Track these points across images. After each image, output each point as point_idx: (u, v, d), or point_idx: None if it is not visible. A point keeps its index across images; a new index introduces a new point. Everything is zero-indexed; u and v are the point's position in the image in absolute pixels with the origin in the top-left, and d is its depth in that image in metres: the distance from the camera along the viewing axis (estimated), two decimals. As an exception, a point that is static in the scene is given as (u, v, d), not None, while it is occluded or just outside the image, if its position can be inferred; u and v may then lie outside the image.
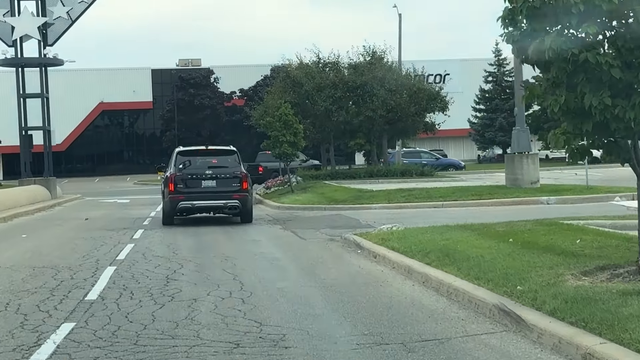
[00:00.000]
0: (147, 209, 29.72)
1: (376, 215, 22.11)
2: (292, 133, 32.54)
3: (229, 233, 19.06)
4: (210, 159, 21.48)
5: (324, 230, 18.54)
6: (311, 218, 22.48)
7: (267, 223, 21.72)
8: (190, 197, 20.68)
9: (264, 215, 24.62)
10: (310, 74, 38.26)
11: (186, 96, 76.46)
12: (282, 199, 29.73)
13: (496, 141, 73.32)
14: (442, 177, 38.38)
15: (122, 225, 22.00)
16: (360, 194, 26.27)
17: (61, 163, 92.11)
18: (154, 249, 15.70)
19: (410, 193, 24.81)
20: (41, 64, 38.40)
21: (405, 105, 37.53)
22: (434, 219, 19.97)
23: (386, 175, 37.85)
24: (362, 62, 38.96)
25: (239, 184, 20.87)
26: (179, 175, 20.94)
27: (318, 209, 25.31)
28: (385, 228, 15.68)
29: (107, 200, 37.82)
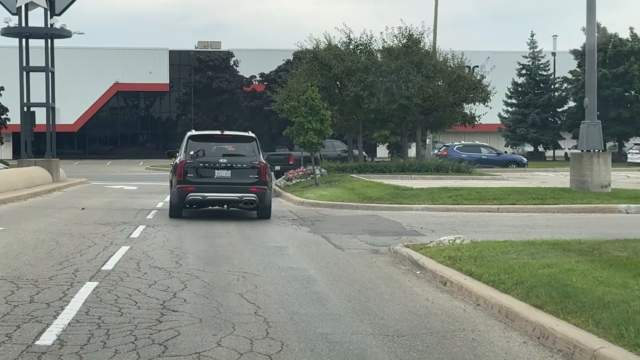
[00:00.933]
0: (154, 198, 26.55)
1: (420, 218, 18.72)
2: (319, 120, 29.22)
3: (246, 235, 15.74)
4: (226, 145, 19.08)
5: (363, 237, 15.19)
6: (343, 219, 19.13)
7: (292, 223, 18.38)
8: (201, 189, 18.25)
9: (286, 212, 21.30)
10: (340, 56, 34.81)
11: (204, 79, 73.09)
12: (305, 193, 26.39)
13: (528, 138, 69.64)
14: (481, 175, 34.87)
15: (121, 219, 18.75)
16: (397, 191, 22.88)
17: (73, 144, 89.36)
18: (152, 256, 12.39)
19: (457, 193, 21.36)
20: (47, 34, 35.16)
21: (443, 93, 34.00)
22: (495, 227, 16.58)
23: (419, 170, 34.39)
24: (397, 45, 35.46)
25: (257, 176, 18.38)
26: (190, 162, 18.48)
27: (349, 208, 21.96)
28: (447, 240, 12.29)
29: (113, 186, 34.65)
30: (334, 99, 35.03)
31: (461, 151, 45.77)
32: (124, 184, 36.62)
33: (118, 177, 45.96)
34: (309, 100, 29.38)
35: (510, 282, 8.49)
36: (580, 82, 64.71)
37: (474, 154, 46.58)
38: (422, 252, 11.59)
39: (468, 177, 33.40)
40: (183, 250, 13.15)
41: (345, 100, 34.82)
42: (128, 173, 53.96)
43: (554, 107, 70.27)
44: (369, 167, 34.78)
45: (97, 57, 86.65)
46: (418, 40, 35.42)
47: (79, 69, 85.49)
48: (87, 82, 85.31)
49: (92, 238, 14.67)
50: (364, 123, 36.83)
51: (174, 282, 10.03)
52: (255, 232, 16.38)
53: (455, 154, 45.00)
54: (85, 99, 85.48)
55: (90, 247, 13.42)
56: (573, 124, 67.64)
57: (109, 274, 10.54)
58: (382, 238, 15.01)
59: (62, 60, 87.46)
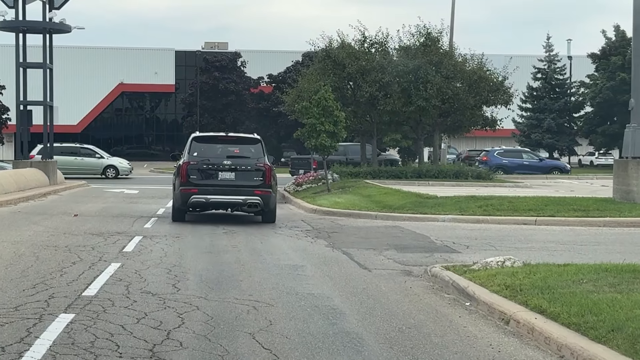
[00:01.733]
0: (155, 204, 24.71)
1: (449, 231, 16.78)
2: (332, 121, 27.32)
3: (256, 249, 13.82)
4: (230, 147, 18.67)
5: (390, 254, 13.26)
6: (362, 230, 17.20)
7: (306, 234, 16.45)
8: (204, 191, 17.82)
9: (298, 221, 19.38)
10: (354, 55, 32.90)
11: (210, 79, 71.16)
12: (318, 200, 24.48)
13: (543, 144, 67.52)
14: (503, 181, 32.87)
15: (116, 228, 16.86)
16: (419, 199, 20.95)
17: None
18: (146, 277, 10.48)
19: (486, 202, 19.38)
20: (45, 29, 33.33)
21: (463, 95, 32.05)
22: (538, 243, 14.63)
23: (436, 176, 32.47)
24: (414, 44, 33.52)
25: (261, 178, 18.01)
26: (193, 164, 18.04)
27: (367, 217, 20.03)
28: (495, 262, 10.34)
29: (113, 190, 32.76)
30: (347, 99, 33.14)
31: (502, 157, 43.50)
32: (124, 188, 34.76)
33: (120, 180, 44.10)
34: (322, 101, 27.51)
35: (603, 328, 6.54)
36: (598, 86, 62.71)
37: (516, 159, 44.19)
38: (467, 276, 9.65)
39: (489, 184, 31.45)
40: (183, 270, 11.23)
41: (359, 101, 32.93)
42: (131, 176, 52.10)
43: (570, 112, 68.22)
44: (384, 172, 32.83)
45: (102, 57, 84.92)
46: (437, 39, 33.51)
47: (83, 68, 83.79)
48: (92, 82, 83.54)
49: (79, 252, 12.75)
50: (377, 126, 34.88)
51: (169, 314, 8.10)
52: (266, 245, 14.46)
53: (495, 160, 42.76)
54: (89, 99, 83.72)
55: (75, 263, 11.51)
56: (590, 130, 65.62)
57: (90, 302, 8.62)
58: (412, 255, 13.07)
59: (66, 59, 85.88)
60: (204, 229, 17.17)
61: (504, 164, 41.61)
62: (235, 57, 73.45)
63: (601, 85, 62.27)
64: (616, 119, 62.99)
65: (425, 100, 31.38)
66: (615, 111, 62.36)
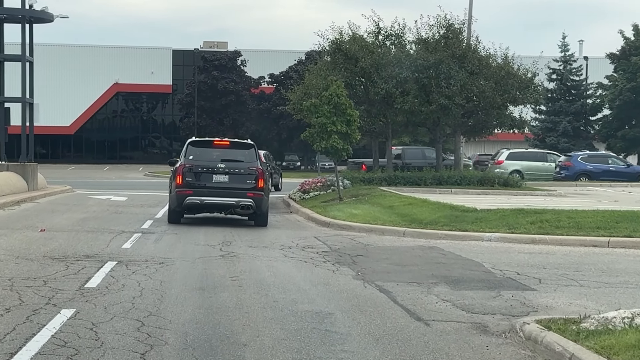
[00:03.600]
0: (143, 214, 21.43)
1: (503, 255, 13.42)
2: (345, 121, 24.07)
3: (263, 283, 10.46)
4: (225, 151, 19.50)
5: (442, 292, 9.91)
6: (393, 252, 13.84)
7: (323, 257, 13.09)
8: (199, 192, 18.55)
9: (310, 238, 16.05)
10: (367, 48, 29.55)
11: (209, 79, 67.71)
12: (331, 211, 21.13)
13: (559, 148, 64.10)
14: (534, 189, 29.45)
15: (87, 249, 13.53)
16: (455, 212, 17.58)
17: (69, 147, 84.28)
18: (105, 338, 7.09)
19: (540, 218, 15.96)
20: (24, 17, 29.96)
21: (490, 93, 28.69)
22: (628, 275, 11.29)
23: (459, 183, 29.12)
24: (434, 36, 30.17)
25: (254, 181, 18.76)
26: (189, 167, 18.79)
27: (393, 234, 16.68)
28: (620, 319, 7.01)
29: (99, 197, 29.38)
30: (359, 97, 29.78)
31: (586, 162, 39.78)
32: (113, 194, 31.41)
33: (111, 185, 40.76)
34: (333, 98, 24.22)
35: None
36: (618, 87, 59.39)
37: (601, 165, 40.45)
38: (589, 345, 6.31)
39: (519, 193, 28.14)
40: (160, 323, 7.83)
41: (373, 99, 29.57)
42: (124, 180, 48.86)
43: (587, 115, 64.90)
44: (400, 178, 29.46)
45: (96, 55, 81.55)
46: (459, 30, 30.14)
47: (76, 67, 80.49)
48: (85, 82, 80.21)
49: (23, 290, 9.39)
50: (393, 126, 31.54)
51: None
52: (275, 276, 11.09)
53: (579, 165, 39.10)
54: (82, 99, 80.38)
55: (9, 310, 8.15)
56: (608, 134, 62.23)
57: (0, 399, 5.26)
58: (472, 294, 9.72)
59: (59, 58, 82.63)
60: (196, 250, 13.81)
61: (588, 170, 38.18)
62: (235, 56, 70.07)
63: (621, 86, 58.89)
64: (634, 122, 59.70)
65: (447, 98, 28.01)
66: (636, 114, 59.09)
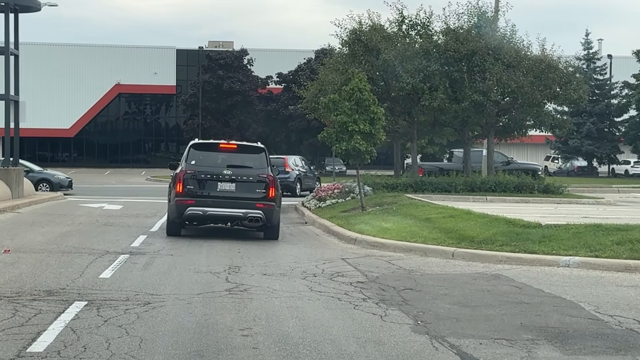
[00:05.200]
0: (136, 227, 18.46)
1: (598, 288, 10.28)
2: (368, 119, 21.09)
3: (287, 338, 7.36)
4: (232, 156, 17.43)
5: (549, 356, 6.75)
6: (451, 284, 10.69)
7: (361, 292, 9.97)
8: (201, 202, 16.46)
9: (337, 261, 12.97)
10: (390, 38, 26.42)
11: (214, 78, 64.58)
12: (355, 224, 18.03)
13: (582, 151, 60.99)
14: (579, 197, 26.28)
15: (52, 280, 10.45)
16: (513, 228, 14.40)
17: (69, 150, 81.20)
18: None
19: (627, 237, 12.66)
20: (7, 4, 26.87)
21: (528, 88, 25.50)
22: None
23: (494, 189, 25.98)
24: (463, 25, 27.00)
25: (264, 191, 16.65)
26: (190, 173, 16.67)
27: (438, 255, 13.56)
28: None
29: (91, 205, 26.31)
30: (381, 94, 26.62)
31: None
32: (107, 201, 28.35)
33: (108, 191, 37.70)
34: (355, 93, 21.21)
35: None
36: (646, 86, 56.20)
37: None
38: None
39: (562, 200, 25.01)
40: None
41: (397, 95, 26.40)
42: (124, 185, 45.88)
43: (612, 116, 61.61)
44: (428, 184, 26.30)
45: (97, 55, 78.54)
46: (492, 19, 26.95)
47: (76, 68, 77.54)
48: (86, 83, 77.22)
49: None
50: (418, 127, 28.34)
51: None
52: (304, 327, 7.93)
53: None
54: (83, 101, 77.39)
55: None
56: (635, 136, 58.98)
57: None
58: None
59: (58, 58, 79.68)
60: (195, 281, 10.68)
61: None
62: (241, 55, 66.97)
63: (650, 85, 55.78)
64: None
65: (482, 94, 24.84)
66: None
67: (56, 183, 33.80)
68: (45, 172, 34.96)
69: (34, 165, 36.20)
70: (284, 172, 30.77)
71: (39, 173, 34.51)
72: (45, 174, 34.55)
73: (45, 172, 34.97)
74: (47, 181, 33.78)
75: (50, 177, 34.08)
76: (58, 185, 33.65)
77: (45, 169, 36.30)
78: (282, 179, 31.75)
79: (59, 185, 33.69)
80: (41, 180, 33.66)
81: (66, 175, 35.67)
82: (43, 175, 34.38)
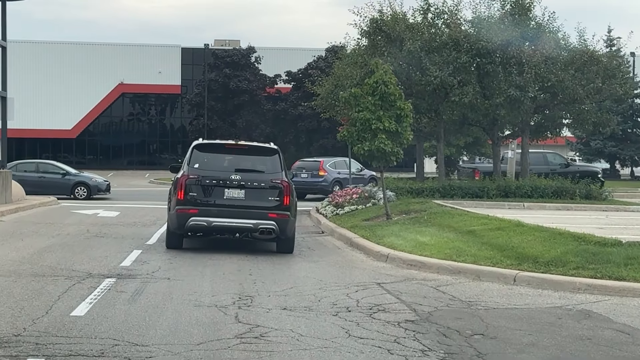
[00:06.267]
0: (131, 238, 16.15)
1: None
2: (394, 116, 18.68)
3: None
4: (241, 158, 15.36)
5: None
6: (527, 325, 8.17)
7: (418, 341, 7.48)
8: (206, 212, 14.40)
9: (374, 289, 10.52)
10: (415, 28, 23.90)
11: (220, 77, 62.07)
12: (383, 236, 15.56)
13: (605, 152, 58.34)
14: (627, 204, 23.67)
15: (7, 319, 7.89)
16: (587, 246, 11.81)
17: (71, 152, 78.64)
18: None
19: None
20: (-7, -9, 24.52)
21: (570, 83, 22.93)
22: None
23: (531, 195, 23.44)
24: (495, 13, 24.46)
25: (278, 198, 14.59)
26: (194, 178, 14.63)
27: (495, 279, 11.04)
28: None
29: (85, 212, 23.88)
30: (405, 89, 24.01)
31: None
32: (105, 206, 25.92)
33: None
34: (380, 86, 18.74)
35: None
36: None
37: None
38: None
39: (609, 207, 22.43)
40: None
41: (422, 90, 23.82)
42: (126, 188, 43.47)
43: (637, 116, 58.92)
44: (457, 189, 23.75)
45: (100, 54, 76.12)
46: (528, 6, 24.38)
47: (78, 67, 75.17)
48: (88, 83, 74.80)
49: None
50: (445, 125, 25.76)
51: None
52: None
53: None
54: (85, 101, 74.96)
55: None
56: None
57: None
58: None
59: (59, 56, 77.24)
60: (196, 321, 8.17)
61: None
62: (248, 53, 64.43)
63: (679, 82, 53.10)
64: None
65: (519, 89, 22.27)
66: None
67: (94, 186, 31.38)
68: (82, 175, 32.37)
69: (70, 167, 33.67)
70: (317, 176, 29.89)
71: (75, 176, 32.04)
72: (82, 177, 32.03)
73: (82, 175, 32.36)
74: (84, 184, 31.36)
75: (88, 181, 31.56)
76: (96, 189, 31.28)
77: (81, 171, 33.75)
78: (314, 183, 30.05)
79: (96, 188, 31.32)
80: (78, 184, 31.38)
81: (104, 178, 33.17)
82: (80, 178, 31.91)
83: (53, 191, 30.42)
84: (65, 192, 30.90)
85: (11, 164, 31.32)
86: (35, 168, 32.43)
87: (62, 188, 31.07)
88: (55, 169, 32.41)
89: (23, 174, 30.81)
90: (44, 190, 30.01)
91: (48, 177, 31.63)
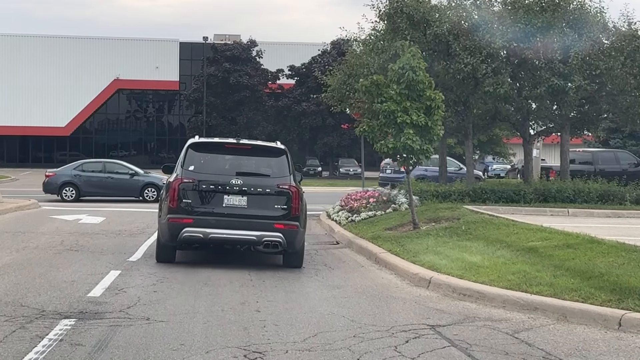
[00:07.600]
0: (111, 255, 13.36)
1: None
2: (423, 108, 16.09)
3: None
4: (243, 159, 13.43)
5: None
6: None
7: None
8: (202, 222, 12.42)
9: (426, 335, 7.75)
10: (441, 9, 21.03)
11: (219, 72, 59.16)
12: (418, 252, 12.81)
13: (625, 152, 55.51)
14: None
15: None
16: None
17: (64, 150, 75.71)
18: None
19: None
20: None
21: (619, 71, 20.05)
22: None
23: (573, 200, 20.60)
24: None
25: (285, 207, 12.61)
26: (188, 182, 12.65)
27: (588, 320, 8.20)
28: None
29: (66, 217, 21.06)
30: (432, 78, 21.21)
31: None
32: (88, 211, 23.05)
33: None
34: (407, 73, 16.03)
35: None
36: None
37: None
38: None
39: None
40: None
41: (454, 79, 20.89)
42: (118, 188, 40.46)
43: (658, 113, 56.12)
44: (489, 192, 20.89)
45: (95, 48, 73.30)
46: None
47: (72, 62, 72.34)
48: (83, 78, 71.97)
49: None
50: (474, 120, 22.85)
51: None
52: None
53: None
54: (79, 97, 72.12)
55: None
56: (684, 135, 53.54)
57: None
58: None
59: (53, 52, 74.29)
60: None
61: None
62: (249, 46, 61.55)
63: None
64: None
65: (562, 78, 19.36)
66: None
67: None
68: (151, 176, 29.53)
69: (138, 168, 30.88)
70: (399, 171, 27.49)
71: (145, 177, 29.37)
72: (152, 178, 29.23)
73: (152, 176, 29.49)
74: (154, 185, 28.67)
75: (158, 182, 28.72)
76: None
77: (148, 172, 30.88)
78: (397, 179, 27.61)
79: None
80: (147, 185, 28.92)
81: None
82: (150, 179, 29.19)
83: (121, 193, 28.72)
84: (134, 194, 28.71)
85: (76, 163, 29.93)
86: (102, 168, 29.92)
87: (130, 190, 28.91)
88: (123, 168, 29.95)
89: (90, 174, 29.03)
90: (111, 192, 28.70)
91: (116, 177, 29.28)
